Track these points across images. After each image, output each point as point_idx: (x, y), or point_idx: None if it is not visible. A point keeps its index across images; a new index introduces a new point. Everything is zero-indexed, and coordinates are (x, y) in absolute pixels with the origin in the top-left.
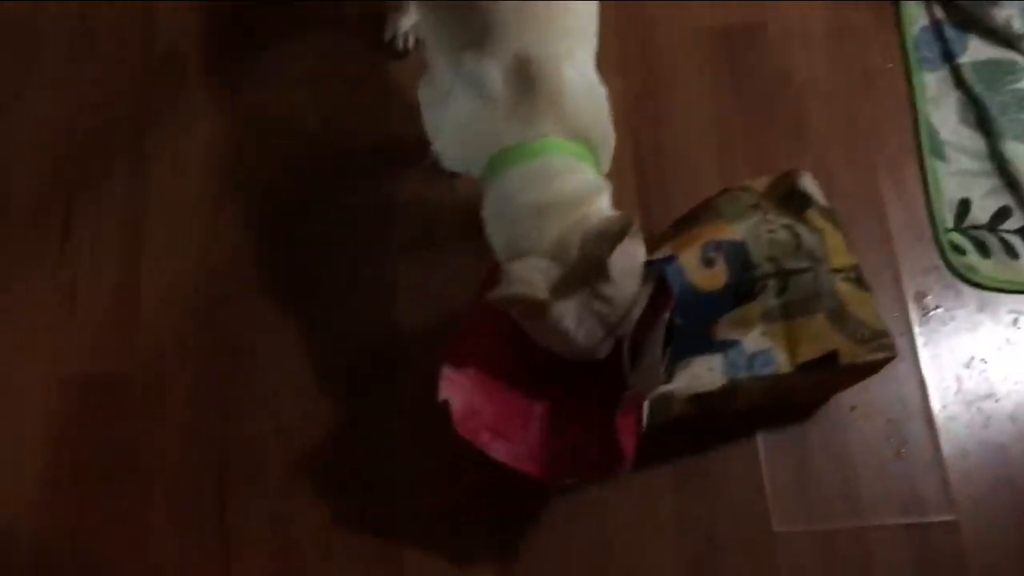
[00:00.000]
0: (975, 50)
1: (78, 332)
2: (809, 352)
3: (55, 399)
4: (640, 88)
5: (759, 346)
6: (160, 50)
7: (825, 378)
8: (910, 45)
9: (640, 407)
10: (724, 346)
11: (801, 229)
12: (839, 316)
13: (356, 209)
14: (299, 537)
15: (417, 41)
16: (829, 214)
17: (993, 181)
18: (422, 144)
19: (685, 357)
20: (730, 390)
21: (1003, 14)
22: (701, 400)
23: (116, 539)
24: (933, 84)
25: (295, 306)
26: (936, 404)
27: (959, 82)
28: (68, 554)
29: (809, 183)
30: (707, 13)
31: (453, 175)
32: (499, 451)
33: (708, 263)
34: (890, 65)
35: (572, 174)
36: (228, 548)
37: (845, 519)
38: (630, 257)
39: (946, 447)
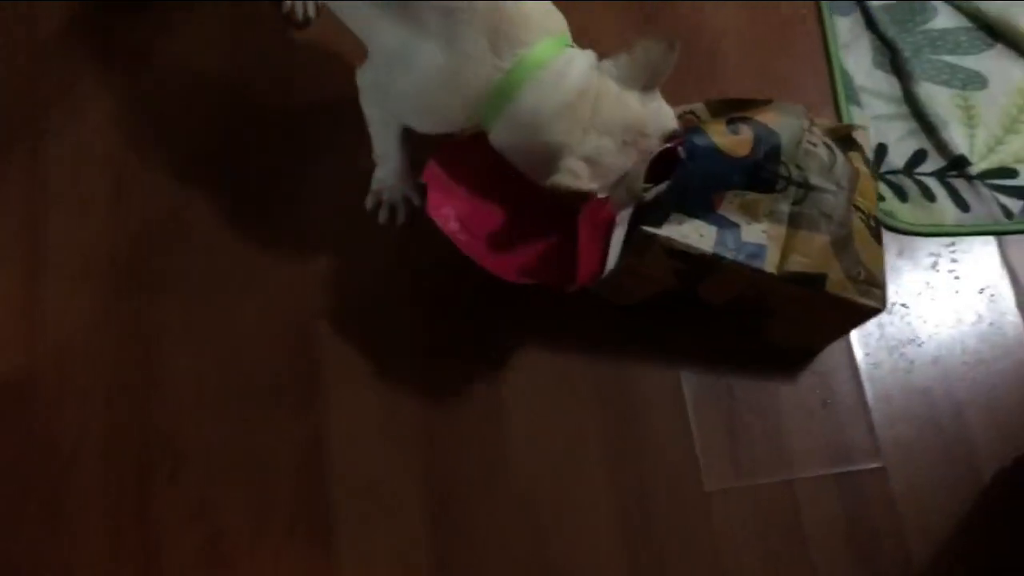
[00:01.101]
0: None
1: None
2: (800, 264)
3: None
4: None
5: (755, 239)
6: (45, 33)
7: (802, 298)
8: None
9: (610, 220)
10: (722, 222)
11: (840, 156)
12: (843, 246)
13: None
14: (225, 525)
15: (318, 12)
16: (871, 165)
17: (909, 124)
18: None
19: (682, 213)
20: (711, 263)
21: None
22: (679, 260)
23: (33, 543)
24: (846, 29)
25: (207, 288)
26: (859, 352)
27: (870, 24)
28: None
29: (862, 137)
30: None
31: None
32: (465, 243)
33: (733, 130)
34: (803, 12)
35: (570, 64)
36: (153, 542)
37: (775, 473)
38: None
39: (871, 394)
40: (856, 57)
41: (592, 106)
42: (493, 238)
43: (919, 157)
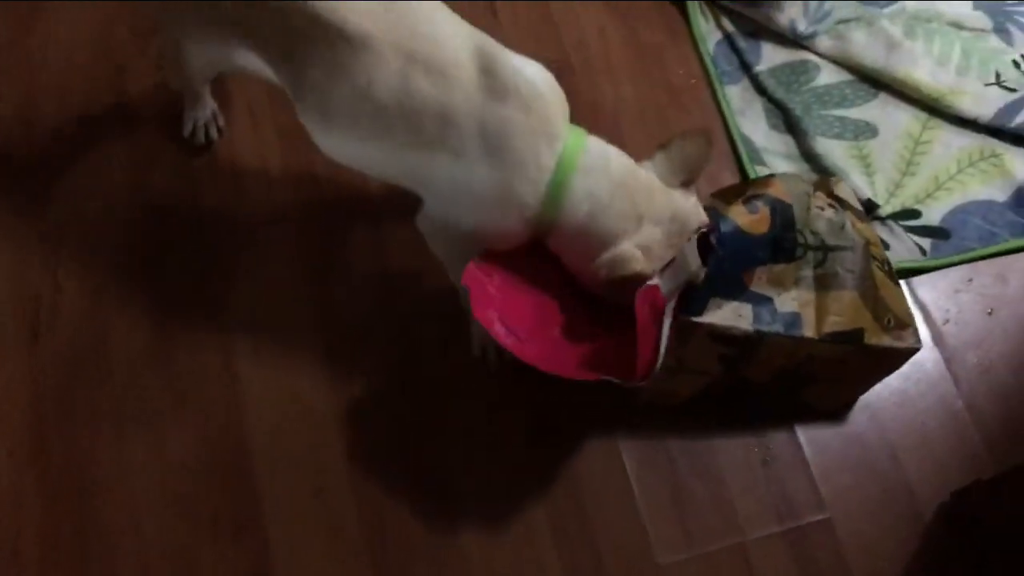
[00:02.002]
0: (769, 56)
1: None
2: (837, 324)
3: None
4: None
5: (789, 308)
6: None
7: (845, 356)
8: (708, 62)
9: (663, 311)
10: (757, 299)
11: (847, 214)
12: (870, 298)
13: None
14: None
15: (219, 132)
16: (862, 215)
17: (813, 179)
18: None
19: (719, 298)
20: (755, 341)
21: (785, 17)
22: (722, 344)
23: None
24: (737, 96)
25: (137, 415)
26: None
27: (761, 90)
28: None
29: (841, 188)
30: None
31: None
32: (512, 345)
33: (752, 210)
34: (693, 80)
35: (602, 147)
36: None
37: (725, 537)
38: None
39: (808, 447)
40: (752, 121)
41: (646, 197)
42: (536, 335)
43: None
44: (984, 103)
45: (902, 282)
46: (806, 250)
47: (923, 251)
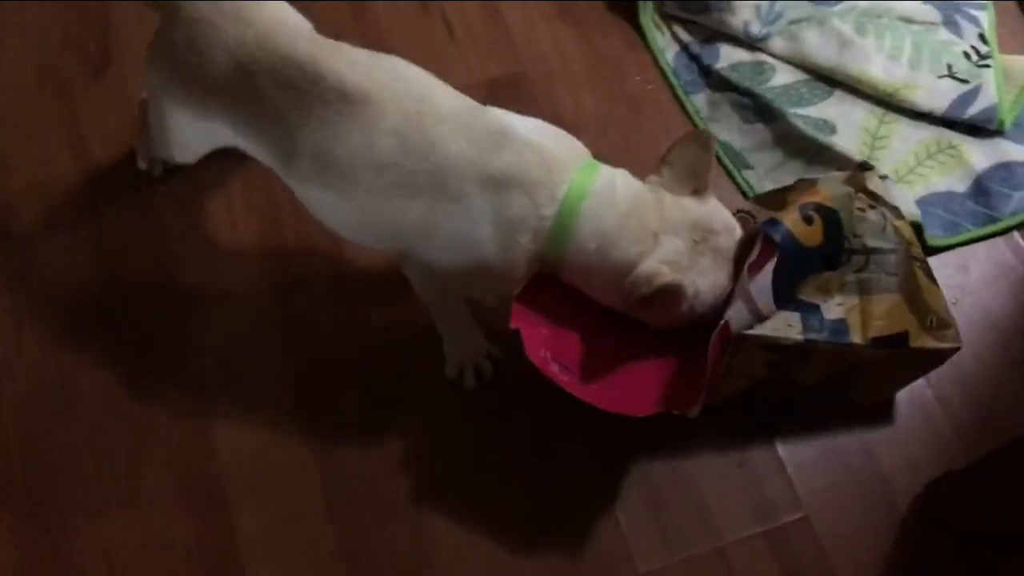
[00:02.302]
0: (728, 56)
1: None
2: (882, 328)
3: None
4: None
5: (835, 315)
6: None
7: (891, 359)
8: (670, 74)
9: (727, 341)
10: (803, 306)
11: (887, 213)
12: (913, 300)
13: None
14: None
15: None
16: (896, 210)
17: (798, 161)
18: None
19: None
20: (805, 350)
21: (738, 19)
22: (771, 352)
23: None
24: (705, 104)
25: (105, 459)
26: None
27: (726, 86)
28: None
29: (874, 182)
30: (467, 69)
31: None
32: (569, 383)
33: (807, 220)
34: (650, 86)
35: (612, 182)
36: None
37: (705, 542)
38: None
39: (782, 447)
40: (725, 126)
41: (656, 214)
42: (590, 372)
43: None
44: (938, 96)
45: None
46: (850, 255)
47: None
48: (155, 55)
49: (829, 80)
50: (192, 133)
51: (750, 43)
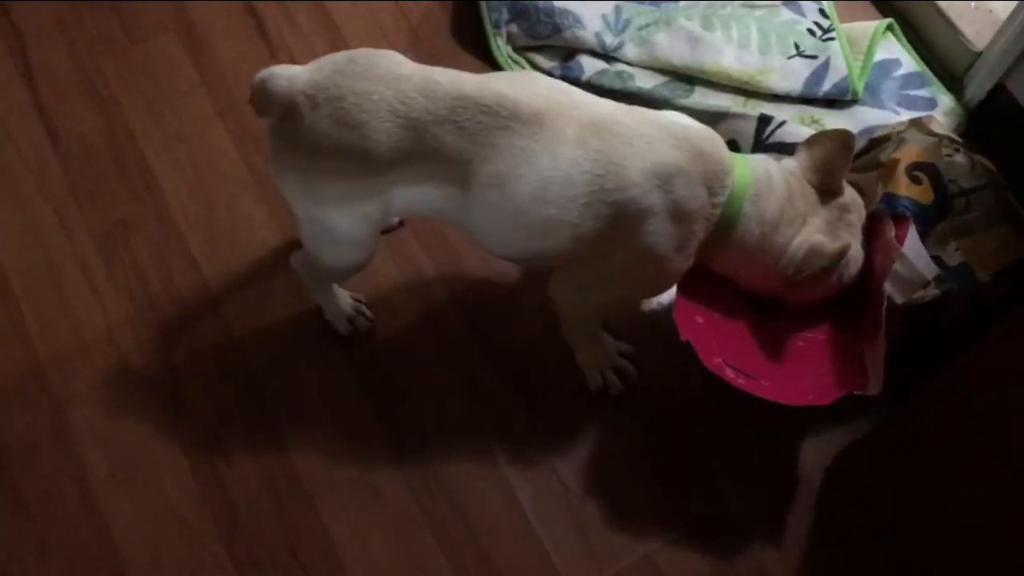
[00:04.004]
0: (591, 66)
1: None
2: (1001, 260)
3: None
4: None
5: (956, 261)
6: None
7: (1017, 288)
8: None
9: (884, 319)
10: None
11: (969, 152)
12: (1018, 224)
13: None
14: None
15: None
16: (964, 146)
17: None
18: None
19: None
20: (942, 301)
21: (590, 33)
22: (910, 313)
23: None
24: None
25: None
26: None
27: (601, 93)
28: None
29: (938, 126)
30: None
31: None
32: (748, 385)
33: (916, 180)
34: None
35: (767, 173)
36: None
37: (632, 551)
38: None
39: (695, 440)
40: None
41: (802, 198)
42: (760, 368)
43: None
44: (792, 76)
45: None
46: (952, 200)
47: None
48: (294, 161)
49: (687, 78)
50: (364, 223)
51: (605, 55)
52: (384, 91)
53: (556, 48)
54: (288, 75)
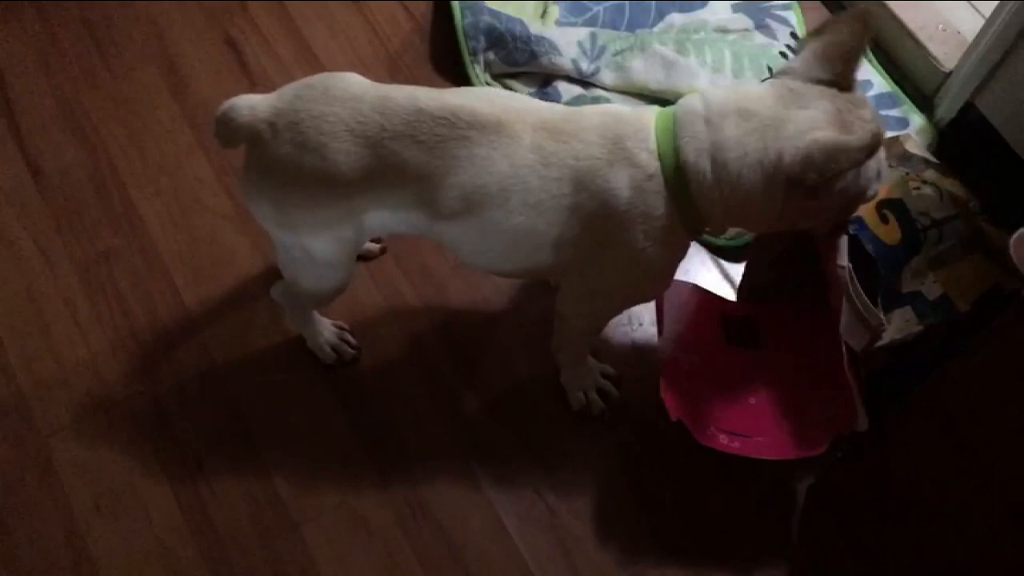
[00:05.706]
0: (568, 91)
1: None
2: (977, 288)
3: None
4: None
5: (935, 293)
6: None
7: (994, 313)
8: None
9: (856, 363)
10: (911, 298)
11: (938, 181)
12: (993, 252)
13: None
14: None
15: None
16: (938, 167)
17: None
18: None
19: (887, 314)
20: (924, 336)
21: (567, 59)
22: (896, 351)
23: None
24: None
25: None
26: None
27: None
28: None
29: (914, 145)
30: None
31: None
32: (741, 449)
33: (883, 219)
34: None
35: (690, 100)
36: None
37: (618, 572)
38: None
39: (673, 460)
40: None
41: (790, 94)
42: (753, 426)
43: None
44: None
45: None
46: (926, 232)
47: None
48: (264, 189)
49: (662, 102)
50: (339, 246)
51: (582, 80)
52: (340, 111)
53: (533, 74)
54: (249, 105)
